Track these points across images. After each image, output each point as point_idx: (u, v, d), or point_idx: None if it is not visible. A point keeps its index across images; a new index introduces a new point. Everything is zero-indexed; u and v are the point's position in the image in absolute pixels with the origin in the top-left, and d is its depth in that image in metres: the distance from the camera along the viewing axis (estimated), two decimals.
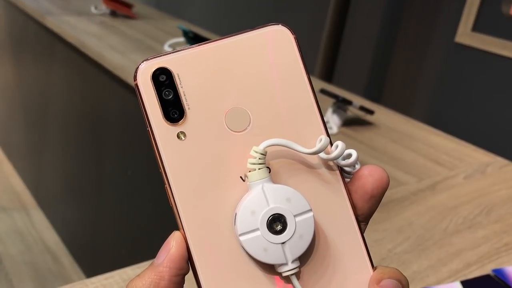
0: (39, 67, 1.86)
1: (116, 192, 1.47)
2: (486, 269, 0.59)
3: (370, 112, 1.03)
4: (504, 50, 1.27)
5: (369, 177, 0.25)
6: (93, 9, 1.72)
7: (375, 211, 0.26)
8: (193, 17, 2.26)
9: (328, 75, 1.61)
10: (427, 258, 0.60)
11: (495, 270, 0.59)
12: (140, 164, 1.31)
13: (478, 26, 1.32)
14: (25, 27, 1.89)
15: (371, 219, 0.26)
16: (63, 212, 1.88)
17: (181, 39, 1.39)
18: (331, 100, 1.00)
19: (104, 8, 1.72)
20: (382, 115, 1.10)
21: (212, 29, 1.81)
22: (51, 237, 1.91)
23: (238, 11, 2.11)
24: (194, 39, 1.29)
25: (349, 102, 0.98)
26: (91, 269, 1.69)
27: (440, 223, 0.68)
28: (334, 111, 0.99)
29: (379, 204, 0.25)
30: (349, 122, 1.02)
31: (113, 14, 1.72)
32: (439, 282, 0.57)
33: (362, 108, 1.01)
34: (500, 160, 0.91)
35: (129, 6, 1.74)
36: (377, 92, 1.63)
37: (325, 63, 1.59)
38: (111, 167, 1.47)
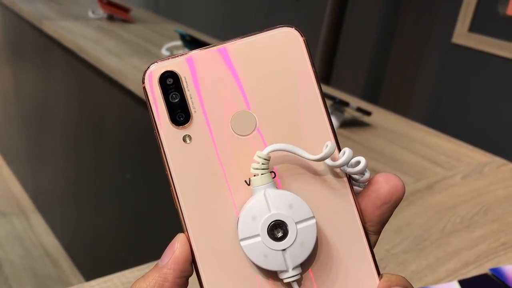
0: (36, 72, 1.86)
1: (114, 196, 1.47)
2: (483, 269, 0.59)
3: (367, 113, 1.03)
4: (500, 50, 1.28)
5: (384, 183, 0.24)
6: (90, 14, 1.72)
7: (386, 221, 0.25)
8: (190, 20, 2.27)
9: (325, 77, 1.61)
10: (425, 258, 0.60)
11: (492, 269, 0.59)
12: (139, 168, 1.31)
13: (475, 27, 1.33)
14: (22, 32, 1.89)
15: None
16: (62, 216, 1.88)
17: (179, 42, 1.39)
18: (328, 102, 1.00)
19: (101, 12, 1.72)
20: (380, 116, 1.10)
21: (209, 33, 1.81)
22: (50, 241, 1.91)
23: (235, 14, 2.12)
24: (191, 42, 1.30)
25: (346, 104, 0.99)
26: (90, 273, 1.69)
27: (438, 223, 0.68)
28: (331, 113, 0.99)
29: (391, 214, 0.25)
30: (346, 124, 1.02)
31: (110, 18, 1.72)
32: (437, 281, 0.57)
33: (359, 110, 1.01)
34: (497, 160, 0.91)
35: (126, 10, 1.74)
36: (374, 93, 1.64)
37: (323, 64, 1.60)
38: (110, 171, 1.47)
